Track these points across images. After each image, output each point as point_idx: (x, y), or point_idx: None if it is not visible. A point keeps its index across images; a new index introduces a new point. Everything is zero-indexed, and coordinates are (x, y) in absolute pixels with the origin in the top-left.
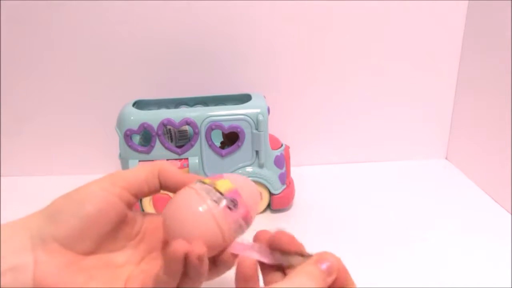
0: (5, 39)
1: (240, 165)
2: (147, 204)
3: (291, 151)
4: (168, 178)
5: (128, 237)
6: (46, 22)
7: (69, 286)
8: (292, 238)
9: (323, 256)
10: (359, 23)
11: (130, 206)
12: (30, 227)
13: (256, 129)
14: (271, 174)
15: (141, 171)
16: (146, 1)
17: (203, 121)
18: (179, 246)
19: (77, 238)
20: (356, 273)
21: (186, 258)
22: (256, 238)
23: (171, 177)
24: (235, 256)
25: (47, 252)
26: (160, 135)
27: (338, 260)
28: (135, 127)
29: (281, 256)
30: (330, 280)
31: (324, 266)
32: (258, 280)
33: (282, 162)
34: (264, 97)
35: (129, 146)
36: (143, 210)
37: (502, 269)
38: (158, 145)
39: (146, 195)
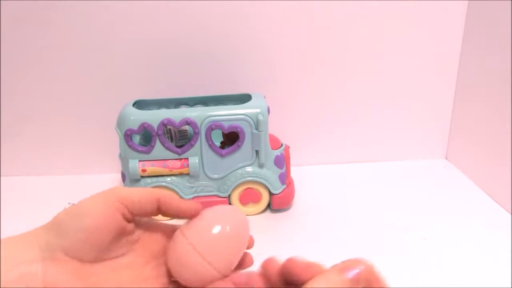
0: (5, 39)
1: (240, 165)
2: None
3: (291, 151)
4: (168, 207)
5: (130, 242)
6: (46, 22)
7: None
8: (306, 265)
9: (349, 264)
10: (359, 23)
11: (128, 219)
12: (38, 240)
13: (256, 129)
14: (271, 174)
15: (137, 193)
16: (146, 1)
17: (203, 121)
18: None
19: (80, 248)
20: None
21: None
22: (264, 269)
23: (171, 206)
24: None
25: (55, 262)
26: (160, 135)
27: (370, 268)
28: (135, 127)
29: None
30: None
31: (350, 275)
32: None
33: (282, 162)
34: (264, 97)
35: (129, 146)
36: None
37: (502, 269)
38: (158, 145)
39: (141, 215)
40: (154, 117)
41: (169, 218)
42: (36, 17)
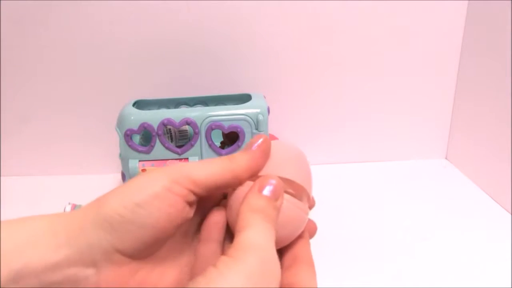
0: (5, 39)
1: None
2: None
3: None
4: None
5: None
6: (46, 22)
7: None
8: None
9: (261, 182)
10: (359, 23)
11: (192, 204)
12: (85, 235)
13: (256, 129)
14: None
15: (211, 171)
16: (146, 1)
17: (203, 121)
18: None
19: (141, 247)
20: (356, 273)
21: None
22: None
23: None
24: None
25: (111, 264)
26: (160, 135)
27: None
28: (135, 127)
29: None
30: (279, 204)
31: (266, 191)
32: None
33: None
34: (264, 97)
35: (129, 146)
36: None
37: (502, 269)
38: (158, 145)
39: (213, 194)
40: (154, 117)
41: None
42: (36, 17)
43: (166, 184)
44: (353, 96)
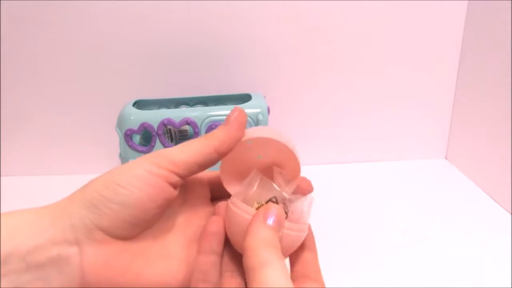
0: (5, 39)
1: None
2: None
3: None
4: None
5: (174, 205)
6: (46, 22)
7: (125, 277)
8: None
9: (265, 211)
10: (359, 23)
11: (176, 185)
12: (69, 215)
13: None
14: None
15: (190, 151)
16: (146, 1)
17: (203, 121)
18: None
19: (123, 226)
20: (356, 273)
21: None
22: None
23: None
24: None
25: (93, 242)
26: (160, 135)
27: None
28: (135, 127)
29: None
30: (281, 234)
31: (271, 221)
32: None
33: None
34: (264, 97)
35: (129, 146)
36: None
37: (502, 269)
38: (158, 145)
39: (197, 173)
40: (154, 117)
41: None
42: (36, 17)
43: (147, 166)
44: (353, 96)
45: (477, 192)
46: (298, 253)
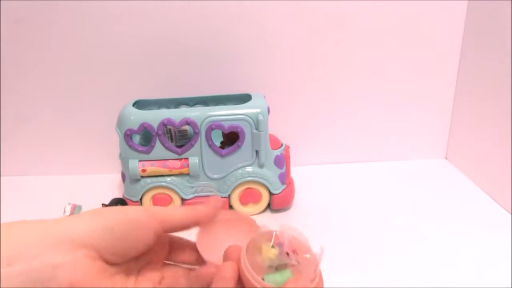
0: (5, 39)
1: (240, 165)
2: (147, 202)
3: (291, 151)
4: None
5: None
6: (46, 22)
7: None
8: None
9: None
10: (359, 23)
11: (158, 236)
12: (78, 233)
13: (256, 129)
14: (271, 174)
15: (180, 215)
16: (146, 1)
17: (203, 121)
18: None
19: (115, 255)
20: (356, 273)
21: None
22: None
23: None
24: None
25: (86, 258)
26: (160, 135)
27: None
28: (135, 127)
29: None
30: None
31: None
32: None
33: (282, 162)
34: (264, 97)
35: (129, 146)
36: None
37: (502, 269)
38: (158, 145)
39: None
40: (154, 117)
41: None
42: (36, 17)
43: (146, 218)
44: (353, 96)
45: (477, 192)
46: None
